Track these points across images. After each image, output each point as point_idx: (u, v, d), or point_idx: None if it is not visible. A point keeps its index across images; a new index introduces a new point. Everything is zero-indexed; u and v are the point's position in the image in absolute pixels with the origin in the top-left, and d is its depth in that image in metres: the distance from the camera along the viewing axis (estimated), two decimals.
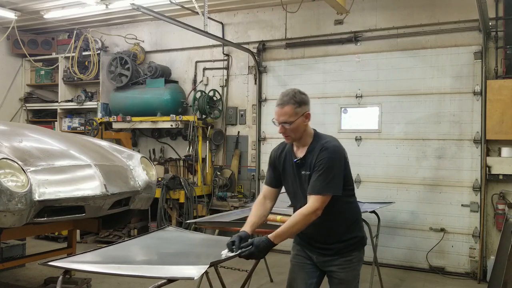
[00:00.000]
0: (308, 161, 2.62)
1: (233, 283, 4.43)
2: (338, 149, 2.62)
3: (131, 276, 2.38)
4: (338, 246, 2.67)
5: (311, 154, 2.62)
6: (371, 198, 6.05)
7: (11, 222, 3.58)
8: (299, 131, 2.64)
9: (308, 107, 2.65)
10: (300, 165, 2.67)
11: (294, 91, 2.63)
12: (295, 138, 2.67)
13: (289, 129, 2.60)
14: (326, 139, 2.67)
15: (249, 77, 7.44)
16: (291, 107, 2.57)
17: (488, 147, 5.84)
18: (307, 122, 2.65)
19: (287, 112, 2.57)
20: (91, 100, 8.37)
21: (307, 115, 2.64)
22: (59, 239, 7.15)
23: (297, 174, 2.69)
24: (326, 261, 2.71)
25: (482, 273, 5.76)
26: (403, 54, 6.35)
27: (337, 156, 2.59)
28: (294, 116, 2.58)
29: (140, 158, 4.90)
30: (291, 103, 2.58)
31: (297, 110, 2.58)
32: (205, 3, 5.87)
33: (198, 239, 3.34)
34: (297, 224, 2.49)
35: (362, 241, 2.77)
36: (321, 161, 2.55)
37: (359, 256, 2.74)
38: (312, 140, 2.68)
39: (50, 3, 7.18)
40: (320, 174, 2.53)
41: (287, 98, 2.59)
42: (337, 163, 2.57)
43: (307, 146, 2.67)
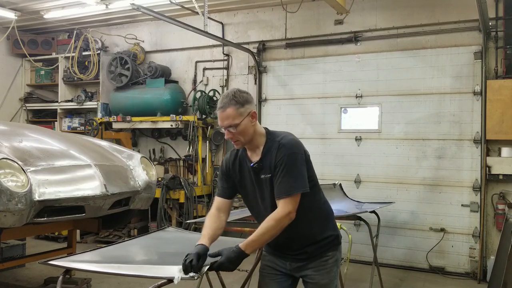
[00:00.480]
0: (267, 162, 2.41)
1: (233, 283, 4.42)
2: (295, 143, 2.42)
3: (131, 276, 2.38)
4: (312, 248, 2.49)
5: (268, 155, 2.41)
6: (371, 198, 6.05)
7: (11, 222, 3.58)
8: (248, 133, 2.41)
9: (252, 106, 2.43)
10: (258, 169, 2.43)
11: (234, 91, 2.41)
12: (245, 142, 2.45)
13: (236, 132, 2.39)
14: (280, 136, 2.45)
15: (249, 77, 7.44)
16: (233, 109, 2.35)
17: (488, 147, 5.83)
18: (254, 122, 2.42)
19: (230, 114, 2.35)
20: (91, 100, 8.36)
21: (253, 115, 2.41)
22: (59, 239, 7.15)
23: (256, 180, 2.46)
24: (301, 266, 2.52)
25: (482, 273, 5.75)
26: (403, 54, 6.35)
27: (296, 150, 2.39)
28: (238, 117, 2.36)
29: (140, 158, 4.90)
30: (232, 104, 2.35)
31: (241, 111, 2.36)
32: (205, 3, 5.87)
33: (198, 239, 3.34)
34: (269, 231, 2.30)
35: (337, 240, 2.58)
36: (280, 159, 2.34)
37: (335, 256, 2.54)
38: (266, 140, 2.45)
39: (50, 3, 7.18)
40: (283, 174, 2.33)
41: (227, 100, 2.37)
42: (297, 158, 2.36)
43: (261, 147, 2.45)
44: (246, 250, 2.27)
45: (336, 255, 2.55)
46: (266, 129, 2.51)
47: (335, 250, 2.55)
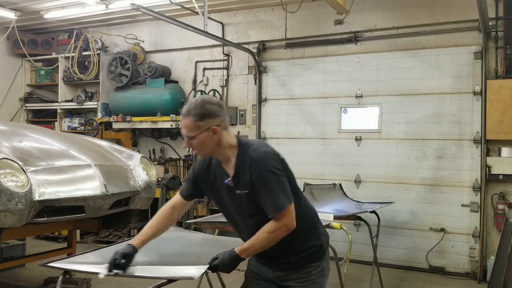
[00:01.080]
0: (241, 178, 2.27)
1: (233, 283, 4.42)
2: (267, 156, 2.25)
3: (131, 276, 2.38)
4: (294, 259, 2.37)
5: (242, 170, 2.26)
6: (371, 198, 6.05)
7: (11, 222, 3.58)
8: (208, 148, 2.28)
9: (216, 120, 2.24)
10: (233, 185, 2.30)
11: (199, 100, 2.27)
12: (206, 154, 2.35)
13: (193, 144, 2.27)
14: (252, 146, 2.28)
15: (249, 77, 7.44)
16: (190, 120, 2.22)
17: (488, 147, 5.84)
18: (216, 137, 2.24)
19: (187, 125, 2.23)
20: (91, 100, 8.36)
21: (214, 130, 2.23)
22: (59, 239, 7.15)
23: (230, 196, 2.34)
24: (283, 275, 2.42)
25: (482, 273, 5.75)
26: (403, 54, 6.35)
27: (270, 163, 2.23)
28: (195, 130, 2.22)
29: (140, 158, 4.90)
30: (191, 115, 2.22)
31: (199, 124, 2.21)
32: (205, 3, 5.87)
33: (198, 239, 3.34)
34: (264, 240, 2.23)
35: (321, 250, 2.43)
36: (257, 178, 2.20)
37: (319, 267, 2.41)
38: (238, 152, 2.30)
39: (50, 3, 7.18)
40: (266, 193, 2.20)
41: (188, 109, 2.24)
42: (274, 172, 2.22)
43: (233, 160, 2.30)
44: (241, 255, 2.24)
45: (320, 265, 2.42)
46: (238, 140, 2.35)
47: (319, 261, 2.42)
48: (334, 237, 5.57)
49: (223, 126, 2.29)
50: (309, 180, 5.56)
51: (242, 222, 2.40)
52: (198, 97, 2.35)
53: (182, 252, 2.97)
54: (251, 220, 2.33)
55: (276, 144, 7.15)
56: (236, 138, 2.36)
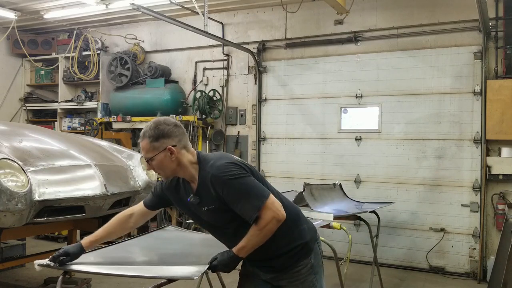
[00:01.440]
0: (204, 195, 2.27)
1: (233, 283, 4.41)
2: (224, 166, 2.22)
3: (131, 276, 2.38)
4: (280, 260, 2.37)
5: (204, 187, 2.26)
6: (371, 198, 6.05)
7: (11, 222, 3.58)
8: (168, 168, 2.29)
9: (171, 140, 2.25)
10: (196, 203, 2.31)
11: (153, 122, 2.30)
12: (168, 175, 2.35)
13: (153, 165, 2.29)
14: (210, 162, 2.27)
15: (249, 77, 7.44)
16: (146, 142, 2.26)
17: (488, 147, 5.84)
18: (174, 157, 2.26)
19: (144, 147, 2.27)
20: (91, 100, 8.37)
21: (170, 150, 2.25)
22: (59, 239, 7.14)
23: (199, 212, 2.35)
24: (274, 277, 2.42)
25: (482, 273, 5.75)
26: (403, 54, 6.35)
27: (230, 172, 2.20)
28: (151, 151, 2.25)
29: (140, 158, 4.90)
30: (146, 136, 2.26)
31: (155, 145, 2.24)
32: (205, 3, 5.87)
33: (198, 239, 3.34)
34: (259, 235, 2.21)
35: (306, 248, 2.40)
36: (223, 189, 2.19)
37: (307, 264, 2.39)
38: (199, 168, 2.30)
39: (50, 3, 7.18)
40: (238, 200, 2.18)
41: (144, 131, 2.28)
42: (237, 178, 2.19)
43: (196, 177, 2.30)
44: (239, 254, 2.24)
45: (309, 262, 2.40)
46: (198, 156, 2.34)
47: (306, 258, 2.40)
48: (334, 237, 5.61)
49: (181, 146, 2.30)
50: (309, 180, 5.56)
51: (220, 232, 2.43)
52: (156, 119, 2.34)
53: (182, 252, 2.97)
54: (228, 229, 2.35)
55: (276, 144, 7.16)
56: (196, 154, 2.35)
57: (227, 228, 2.35)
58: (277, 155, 7.17)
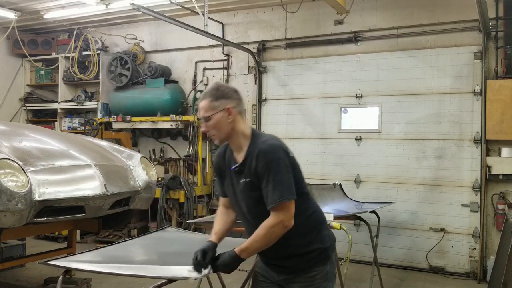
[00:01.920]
0: (247, 166, 2.31)
1: (233, 283, 4.42)
2: (277, 147, 2.28)
3: (131, 276, 2.38)
4: (295, 261, 2.36)
5: (250, 158, 2.30)
6: (371, 198, 6.05)
7: (11, 222, 3.58)
8: (223, 130, 2.34)
9: (231, 101, 2.33)
10: (239, 172, 2.35)
11: (215, 84, 2.40)
12: (222, 138, 2.38)
13: (209, 125, 2.34)
14: (263, 138, 2.34)
15: (249, 77, 7.44)
16: (207, 101, 2.32)
17: (488, 147, 5.84)
18: (231, 118, 2.32)
19: (203, 106, 2.33)
20: (91, 100, 8.37)
21: (229, 111, 2.31)
22: (59, 239, 7.15)
23: (236, 182, 2.38)
24: (287, 279, 2.40)
25: (482, 273, 5.75)
26: (403, 54, 6.35)
27: (278, 155, 2.25)
28: (210, 110, 2.31)
29: (140, 158, 4.90)
30: (207, 96, 2.34)
31: (214, 104, 2.31)
32: (205, 3, 5.87)
33: (198, 239, 3.34)
34: (261, 238, 2.23)
35: (324, 254, 2.38)
36: (262, 167, 2.23)
37: (323, 271, 2.37)
38: (250, 142, 2.35)
39: (50, 3, 7.18)
40: (268, 183, 2.22)
41: (205, 91, 2.37)
42: (280, 164, 2.24)
43: (245, 149, 2.35)
44: (241, 255, 2.24)
45: (325, 269, 2.38)
46: (253, 131, 2.41)
47: (323, 265, 2.38)
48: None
49: (238, 110, 2.36)
50: (309, 180, 5.49)
51: (246, 212, 2.39)
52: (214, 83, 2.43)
53: (182, 252, 2.97)
54: (254, 210, 2.34)
55: None
56: (251, 129, 2.41)
57: (253, 209, 2.34)
58: None
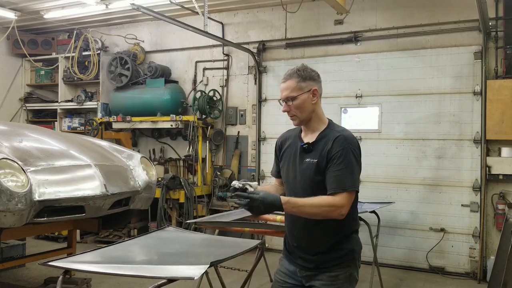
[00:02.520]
0: (319, 148, 2.32)
1: (233, 283, 4.42)
2: (356, 141, 2.37)
3: (131, 276, 2.38)
4: (321, 258, 2.34)
5: (323, 141, 2.33)
6: (371, 198, 6.04)
7: (11, 222, 3.58)
8: (306, 110, 2.37)
9: (316, 84, 2.38)
10: (306, 151, 2.36)
11: (301, 65, 2.42)
12: (302, 119, 2.40)
13: (293, 106, 2.38)
14: (342, 128, 2.43)
15: (249, 77, 7.44)
16: (294, 81, 2.37)
17: (488, 147, 5.84)
18: (315, 100, 2.37)
19: (289, 86, 2.37)
20: (91, 100, 8.37)
21: (315, 92, 2.37)
22: (59, 239, 7.15)
23: (299, 161, 2.38)
24: (310, 275, 2.38)
25: (482, 273, 5.75)
26: (403, 54, 6.35)
27: (356, 148, 2.33)
28: (297, 90, 2.36)
29: (140, 158, 4.90)
30: (294, 76, 2.38)
31: (301, 85, 2.36)
32: (205, 3, 5.87)
33: (198, 239, 3.34)
34: (316, 207, 2.21)
35: (351, 255, 2.37)
36: (339, 151, 2.26)
37: (347, 273, 2.35)
38: (326, 127, 2.40)
39: (50, 3, 7.18)
40: (340, 167, 2.23)
41: (291, 72, 2.40)
42: (356, 155, 2.30)
43: (318, 132, 2.39)
44: (284, 204, 2.18)
45: (348, 271, 2.36)
46: (329, 120, 2.48)
47: (348, 267, 2.36)
48: None
49: (320, 93, 2.43)
50: None
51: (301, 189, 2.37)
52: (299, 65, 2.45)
53: (182, 252, 2.97)
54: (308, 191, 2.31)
55: None
56: (328, 118, 2.48)
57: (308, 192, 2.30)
58: None
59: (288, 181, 2.48)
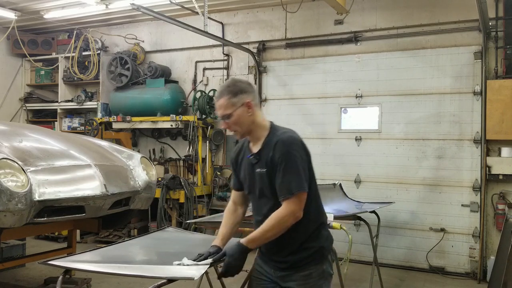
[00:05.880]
0: (264, 156, 2.34)
1: (233, 283, 4.41)
2: (296, 140, 2.33)
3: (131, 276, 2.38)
4: (292, 258, 2.38)
5: (267, 149, 2.34)
6: (371, 198, 6.05)
7: (11, 222, 3.58)
8: (245, 124, 2.37)
9: (248, 96, 2.36)
10: (254, 162, 2.38)
11: (231, 80, 2.42)
12: (243, 132, 2.41)
13: (230, 122, 2.37)
14: (282, 130, 2.40)
15: (249, 77, 7.44)
16: (225, 98, 2.34)
17: (488, 147, 5.84)
18: (251, 112, 2.36)
19: (222, 104, 2.35)
20: (91, 100, 8.37)
21: (248, 105, 2.35)
22: (59, 239, 7.15)
23: (252, 172, 2.40)
24: (284, 276, 2.42)
25: (482, 273, 5.75)
26: (403, 54, 6.35)
27: (296, 147, 2.30)
28: (230, 107, 2.33)
29: (140, 158, 4.90)
30: (225, 93, 2.35)
31: (233, 101, 2.33)
32: (205, 3, 5.87)
33: (198, 239, 3.34)
34: (272, 229, 2.26)
35: (321, 252, 2.40)
36: (280, 157, 2.27)
37: (319, 270, 2.39)
38: (268, 133, 2.40)
39: (50, 3, 7.18)
40: (283, 173, 2.26)
41: (222, 89, 2.37)
42: (297, 156, 2.28)
43: (262, 140, 2.39)
44: (248, 245, 2.26)
45: (321, 268, 2.40)
46: (271, 123, 2.47)
47: (320, 264, 2.40)
48: (334, 237, 5.51)
49: (255, 103, 2.41)
50: None
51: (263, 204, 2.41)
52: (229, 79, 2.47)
53: (182, 252, 2.97)
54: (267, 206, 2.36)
55: None
56: (269, 122, 2.47)
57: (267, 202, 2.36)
58: None
59: (251, 193, 2.51)
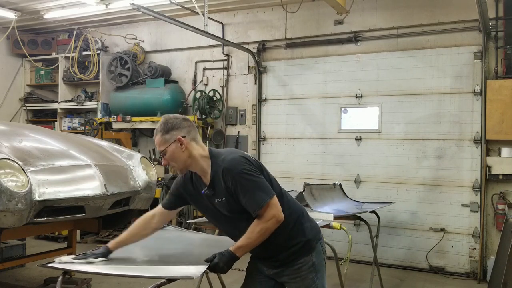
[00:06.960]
0: (218, 186, 2.38)
1: (233, 283, 4.42)
2: (237, 160, 2.35)
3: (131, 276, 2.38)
4: (281, 256, 2.46)
5: (217, 179, 2.37)
6: (371, 198, 6.05)
7: (11, 222, 3.58)
8: (180, 159, 2.41)
9: (180, 131, 2.39)
10: (211, 194, 2.42)
11: (163, 118, 2.46)
12: (181, 168, 2.46)
13: (167, 158, 2.42)
14: (222, 156, 2.40)
15: (249, 77, 7.44)
16: (159, 136, 2.41)
17: (488, 147, 5.83)
18: (184, 147, 2.39)
19: (157, 141, 2.42)
20: (91, 100, 8.37)
21: (180, 140, 2.38)
22: (59, 239, 7.14)
23: (212, 203, 2.44)
24: (277, 272, 2.52)
25: (482, 273, 5.76)
26: (403, 54, 6.35)
27: (241, 165, 2.32)
28: (164, 144, 2.40)
29: (140, 158, 4.90)
30: (158, 131, 2.42)
31: (166, 138, 2.39)
32: (205, 3, 5.87)
33: (198, 239, 3.34)
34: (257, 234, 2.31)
35: (308, 245, 2.48)
36: (233, 182, 2.31)
37: (309, 262, 2.47)
38: (211, 163, 2.42)
39: (50, 3, 7.18)
40: (244, 195, 2.29)
41: (157, 127, 2.44)
42: (246, 173, 2.31)
43: (209, 171, 2.41)
44: (236, 253, 2.31)
45: (310, 260, 2.47)
46: (210, 150, 2.47)
47: (307, 255, 2.47)
48: (334, 237, 5.61)
49: (190, 138, 2.43)
50: (309, 180, 5.56)
51: (233, 226, 2.48)
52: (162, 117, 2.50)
53: (182, 252, 2.97)
54: (242, 222, 2.39)
55: (276, 144, 7.16)
56: (208, 149, 2.47)
57: (240, 222, 2.39)
58: (277, 155, 7.17)
59: (217, 221, 2.58)
